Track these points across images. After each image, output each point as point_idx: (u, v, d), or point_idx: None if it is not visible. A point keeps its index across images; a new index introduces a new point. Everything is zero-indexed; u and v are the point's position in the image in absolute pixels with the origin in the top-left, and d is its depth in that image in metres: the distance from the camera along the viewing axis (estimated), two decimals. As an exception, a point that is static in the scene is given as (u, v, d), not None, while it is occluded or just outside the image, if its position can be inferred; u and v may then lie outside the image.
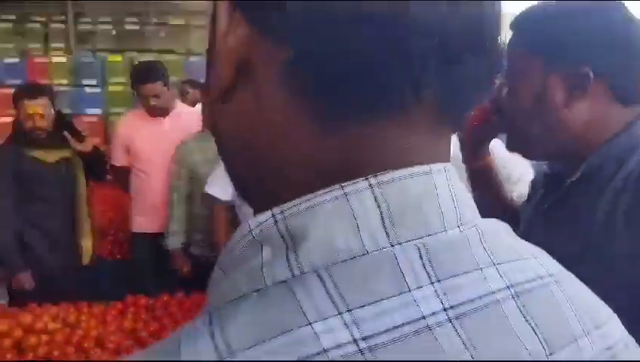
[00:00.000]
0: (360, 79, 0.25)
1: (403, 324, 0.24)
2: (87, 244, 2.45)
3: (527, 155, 1.00)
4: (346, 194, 0.26)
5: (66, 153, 2.35)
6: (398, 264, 0.25)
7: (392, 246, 0.25)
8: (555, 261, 0.32)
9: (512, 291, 0.27)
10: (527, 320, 0.27)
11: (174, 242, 2.46)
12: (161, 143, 2.48)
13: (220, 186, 2.23)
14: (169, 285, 2.35)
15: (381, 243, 0.25)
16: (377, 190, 0.26)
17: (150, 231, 2.58)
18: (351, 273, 0.25)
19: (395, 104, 0.27)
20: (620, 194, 0.77)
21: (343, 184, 0.26)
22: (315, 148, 0.27)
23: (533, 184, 1.05)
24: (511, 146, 0.94)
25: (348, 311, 0.24)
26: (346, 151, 0.27)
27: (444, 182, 0.28)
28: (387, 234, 0.26)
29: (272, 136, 0.28)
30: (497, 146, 1.54)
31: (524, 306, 0.27)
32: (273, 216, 0.27)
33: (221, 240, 2.29)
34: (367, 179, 0.26)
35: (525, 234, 1.03)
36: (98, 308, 2.01)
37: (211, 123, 0.33)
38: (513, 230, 0.33)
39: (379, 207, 0.26)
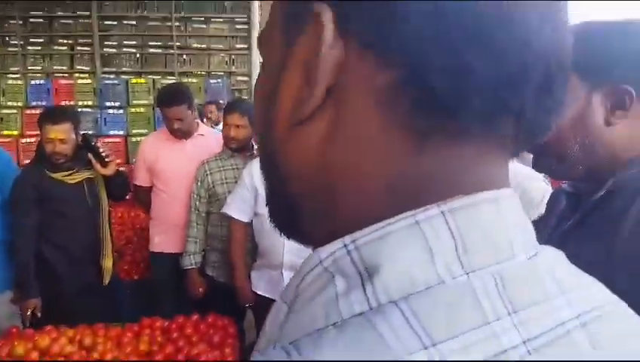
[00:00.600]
0: (469, 99, 0.25)
1: (486, 360, 0.23)
2: (107, 264, 2.45)
3: (557, 176, 0.98)
4: (417, 222, 0.26)
5: (89, 174, 2.37)
6: (476, 295, 0.25)
7: (467, 274, 0.25)
8: (607, 289, 0.32)
9: (581, 320, 0.27)
10: (594, 349, 0.26)
11: (190, 262, 2.45)
12: (183, 164, 2.50)
13: (239, 207, 2.22)
14: (187, 306, 2.33)
15: (456, 272, 0.25)
16: (449, 217, 0.26)
17: (169, 252, 2.58)
18: (430, 304, 0.24)
19: (496, 127, 0.27)
20: None
21: (414, 211, 0.26)
22: (400, 170, 0.27)
23: (548, 204, 1.04)
24: (541, 167, 0.92)
25: (433, 345, 0.23)
26: (429, 172, 0.27)
27: (511, 208, 0.28)
28: (461, 262, 0.25)
29: (355, 157, 0.28)
30: (517, 168, 1.50)
31: (592, 335, 0.27)
32: (345, 245, 0.26)
33: (237, 261, 2.27)
34: (438, 205, 0.26)
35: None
36: (114, 330, 1.99)
37: (270, 151, 0.32)
38: None
39: (452, 234, 0.25)
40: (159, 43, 5.57)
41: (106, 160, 2.36)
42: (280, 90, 0.30)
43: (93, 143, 2.39)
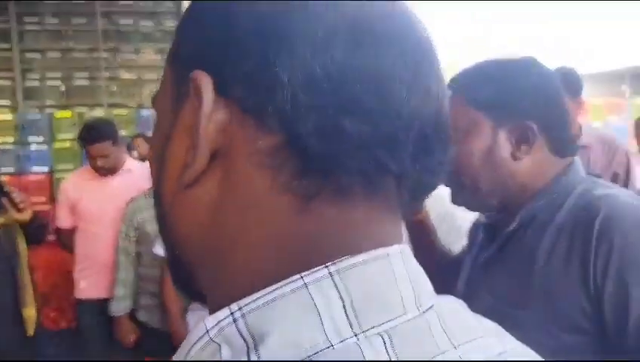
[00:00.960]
0: (345, 161, 0.26)
1: None
2: (30, 314, 2.27)
3: (474, 208, 1.02)
4: (306, 285, 0.25)
5: (2, 220, 2.20)
6: (363, 356, 0.24)
7: (356, 336, 0.25)
8: (511, 336, 0.32)
9: None
10: None
11: (120, 308, 2.30)
12: (110, 202, 2.38)
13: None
14: (119, 354, 2.19)
15: (345, 334, 0.25)
16: (337, 277, 0.26)
17: (97, 297, 2.42)
18: None
19: (378, 186, 0.28)
20: (558, 239, 0.80)
21: (302, 274, 0.26)
22: (288, 232, 0.27)
23: (470, 234, 1.09)
24: (457, 200, 0.96)
25: None
26: (317, 233, 0.27)
27: (402, 264, 0.28)
28: (350, 324, 0.25)
29: (243, 219, 0.28)
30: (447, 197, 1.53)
31: None
32: (232, 313, 0.26)
33: (170, 304, 2.16)
34: (326, 266, 0.26)
35: (467, 286, 1.02)
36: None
37: (161, 213, 0.32)
38: (453, 281, 0.32)
39: (340, 295, 0.25)
40: (86, 75, 5.37)
41: (20, 206, 2.21)
42: (168, 152, 0.30)
43: (6, 189, 2.24)
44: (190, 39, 0.30)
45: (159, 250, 2.14)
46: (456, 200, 0.96)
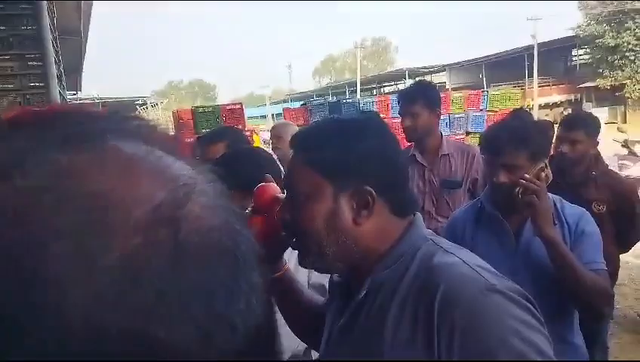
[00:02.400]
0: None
1: None
2: None
3: (322, 271, 1.02)
4: None
5: None
6: None
7: None
8: None
9: None
10: None
11: None
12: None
13: None
14: None
15: None
16: None
17: None
18: None
19: None
20: (403, 313, 0.81)
21: None
22: None
23: (330, 286, 1.09)
24: (305, 264, 0.94)
25: None
26: None
27: None
28: None
29: None
30: None
31: None
32: None
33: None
34: None
35: (326, 347, 0.97)
36: None
37: None
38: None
39: None
40: None
41: None
42: None
43: None
44: None
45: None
46: (303, 264, 0.94)
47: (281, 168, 1.63)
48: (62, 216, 0.25)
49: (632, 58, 25.11)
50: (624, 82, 25.53)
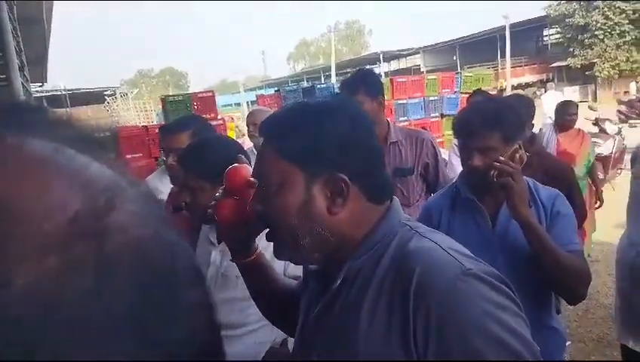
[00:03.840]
0: None
1: None
2: None
3: (299, 263, 1.00)
4: None
5: None
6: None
7: None
8: None
9: None
10: None
11: None
12: None
13: None
14: None
15: None
16: None
17: None
18: None
19: None
20: (379, 299, 0.79)
21: None
22: None
23: (304, 274, 1.07)
24: (280, 256, 0.91)
25: None
26: None
27: None
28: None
29: None
30: None
31: None
32: None
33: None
34: None
35: (301, 334, 0.95)
36: None
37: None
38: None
39: None
40: None
41: None
42: None
43: None
44: None
45: None
46: (279, 256, 0.91)
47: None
48: None
49: (601, 37, 25.51)
50: (594, 61, 25.97)
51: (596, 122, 7.99)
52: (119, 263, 0.23)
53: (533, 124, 2.44)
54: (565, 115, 3.98)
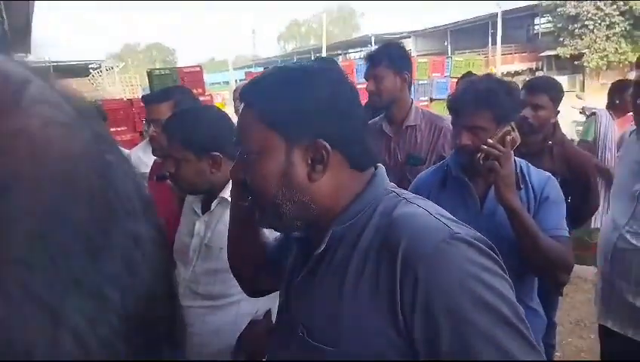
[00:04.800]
0: None
1: None
2: None
3: (281, 231, 0.98)
4: None
5: None
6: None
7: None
8: None
9: None
10: None
11: None
12: None
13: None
14: None
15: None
16: None
17: None
18: None
19: None
20: (366, 261, 0.78)
21: None
22: None
23: (287, 240, 1.06)
24: (262, 224, 0.91)
25: None
26: None
27: None
28: None
29: None
30: None
31: None
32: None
33: None
34: None
35: (285, 300, 0.95)
36: None
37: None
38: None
39: None
40: None
41: None
42: None
43: None
44: None
45: None
46: (260, 223, 0.90)
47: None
48: None
49: (592, 27, 25.57)
50: (583, 51, 26.07)
51: (583, 111, 8.04)
52: (33, 183, 0.19)
53: (558, 111, 2.35)
54: (625, 94, 3.18)
